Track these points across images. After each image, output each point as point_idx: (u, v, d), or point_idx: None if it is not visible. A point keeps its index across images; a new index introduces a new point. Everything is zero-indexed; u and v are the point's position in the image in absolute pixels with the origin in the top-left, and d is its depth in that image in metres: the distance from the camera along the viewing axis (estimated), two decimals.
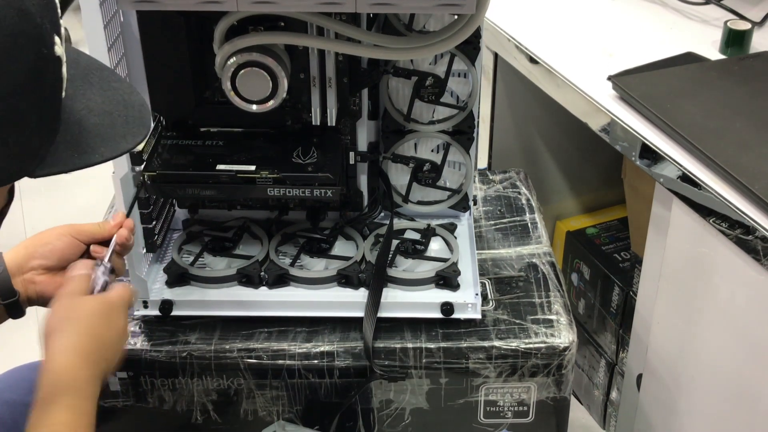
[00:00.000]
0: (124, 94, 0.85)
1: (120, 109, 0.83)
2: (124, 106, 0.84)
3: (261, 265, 1.17)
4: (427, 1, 0.93)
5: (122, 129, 0.82)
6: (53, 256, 1.03)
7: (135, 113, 0.84)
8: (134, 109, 0.85)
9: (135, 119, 0.84)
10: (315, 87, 1.11)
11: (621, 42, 1.43)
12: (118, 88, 0.85)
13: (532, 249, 1.27)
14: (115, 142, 0.81)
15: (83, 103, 0.81)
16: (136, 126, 0.84)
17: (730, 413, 1.18)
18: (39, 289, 1.03)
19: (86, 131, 0.79)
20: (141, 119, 0.84)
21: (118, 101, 0.84)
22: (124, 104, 0.84)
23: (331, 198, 1.09)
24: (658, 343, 1.30)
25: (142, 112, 0.85)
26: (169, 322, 1.14)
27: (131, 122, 0.83)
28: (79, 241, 1.05)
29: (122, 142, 0.82)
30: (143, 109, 0.86)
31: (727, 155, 1.10)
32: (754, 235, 1.02)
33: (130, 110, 0.84)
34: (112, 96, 0.84)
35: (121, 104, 0.84)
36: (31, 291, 1.03)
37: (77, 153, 0.78)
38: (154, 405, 1.14)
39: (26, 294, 1.02)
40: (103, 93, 0.83)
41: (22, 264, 1.03)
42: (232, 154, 1.11)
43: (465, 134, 1.20)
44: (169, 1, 0.94)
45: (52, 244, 1.03)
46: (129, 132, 0.83)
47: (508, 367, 1.10)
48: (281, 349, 1.10)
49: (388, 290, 1.14)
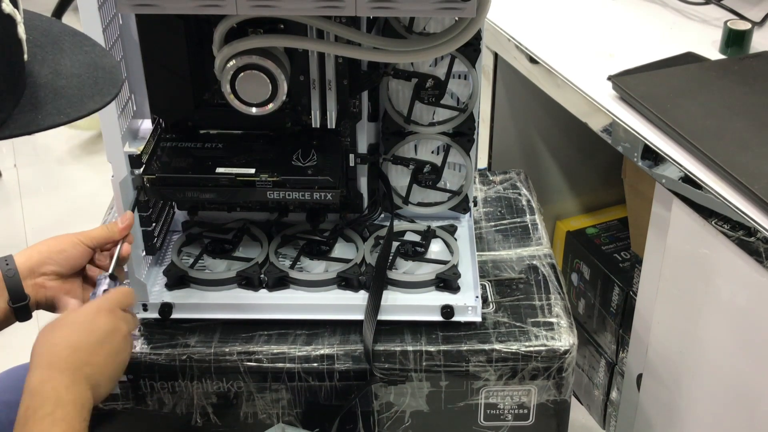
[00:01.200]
0: (96, 57, 0.84)
1: (90, 71, 0.83)
2: (95, 68, 0.83)
3: (261, 267, 1.16)
4: (427, 4, 0.93)
5: (90, 90, 0.81)
6: (68, 263, 1.04)
7: (105, 74, 0.83)
8: (105, 71, 0.84)
9: (105, 80, 0.83)
10: (315, 89, 1.10)
11: (621, 42, 1.43)
12: (90, 52, 0.84)
13: (533, 251, 1.26)
14: (82, 102, 0.80)
15: (51, 67, 0.80)
16: (106, 86, 0.83)
17: (730, 413, 1.18)
18: (49, 295, 1.04)
19: (53, 94, 0.79)
20: (111, 79, 0.83)
21: (89, 64, 0.83)
22: (94, 66, 0.83)
23: (331, 201, 1.09)
24: (658, 343, 1.30)
25: (113, 73, 0.84)
26: (169, 325, 1.14)
27: (101, 83, 0.82)
28: (88, 247, 1.06)
29: (89, 102, 0.81)
30: (114, 70, 0.85)
31: (727, 155, 1.09)
32: (756, 237, 1.02)
33: (100, 72, 0.83)
34: (83, 59, 0.83)
35: (92, 66, 0.83)
36: (41, 295, 1.04)
37: (41, 115, 0.77)
38: (153, 408, 1.13)
39: (35, 298, 1.03)
40: (73, 57, 0.83)
41: (34, 268, 1.03)
42: (231, 156, 1.11)
43: (465, 136, 1.20)
44: (167, 4, 0.93)
45: (67, 252, 1.04)
46: (98, 92, 0.82)
47: (508, 370, 1.10)
48: (281, 352, 1.10)
49: (388, 293, 1.14)
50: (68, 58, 0.82)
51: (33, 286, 1.02)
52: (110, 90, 0.83)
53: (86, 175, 2.68)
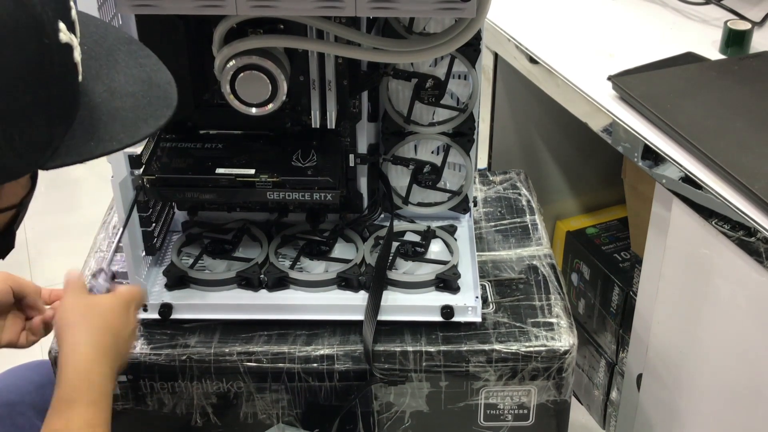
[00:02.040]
0: (151, 71, 0.79)
1: (144, 89, 0.78)
2: (149, 85, 0.78)
3: (261, 267, 1.16)
4: (427, 5, 0.93)
5: (144, 111, 0.76)
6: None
7: (159, 93, 0.78)
8: (159, 89, 0.79)
9: (159, 99, 0.78)
10: (314, 90, 1.10)
11: (621, 42, 1.43)
12: (145, 65, 0.80)
13: (533, 251, 1.26)
14: (136, 126, 0.75)
15: (105, 84, 0.75)
16: (160, 107, 0.78)
17: (730, 413, 1.18)
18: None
19: (106, 116, 0.74)
20: (165, 99, 0.78)
21: (143, 80, 0.78)
22: (149, 83, 0.78)
23: (331, 201, 1.09)
24: (658, 343, 1.30)
25: (168, 91, 0.79)
26: (169, 325, 1.14)
27: (155, 103, 0.77)
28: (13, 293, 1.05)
29: (143, 127, 0.76)
30: (169, 87, 0.80)
31: (727, 155, 1.09)
32: (756, 237, 1.02)
33: (154, 89, 0.78)
34: (138, 74, 0.78)
35: (146, 83, 0.78)
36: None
37: (93, 141, 0.73)
38: (153, 408, 1.13)
39: None
40: (127, 71, 0.78)
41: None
42: (231, 157, 1.11)
43: (465, 136, 1.20)
44: (167, 4, 0.93)
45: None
46: (151, 114, 0.77)
47: (508, 370, 1.10)
48: (281, 353, 1.10)
49: (388, 293, 1.14)
50: (123, 72, 0.77)
51: None
52: (164, 112, 0.77)
53: (86, 176, 2.69)
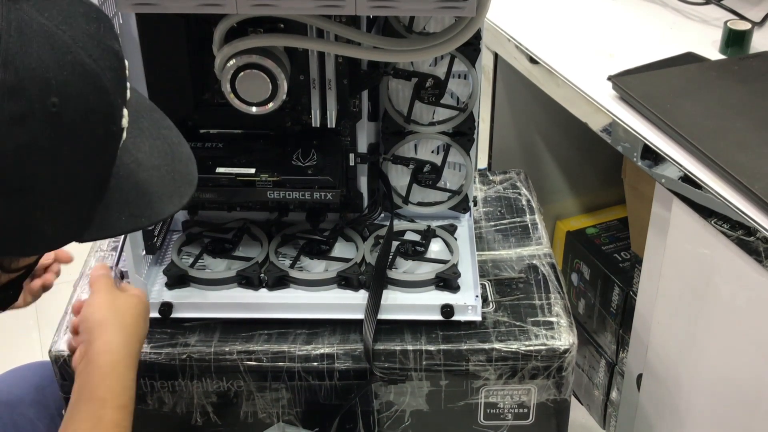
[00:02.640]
0: (173, 144, 0.80)
1: (168, 162, 0.78)
2: (172, 158, 0.79)
3: (261, 266, 1.16)
4: (427, 4, 0.93)
5: (169, 188, 0.77)
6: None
7: (182, 168, 0.79)
8: (181, 163, 0.79)
9: (182, 176, 0.79)
10: (315, 89, 1.10)
11: (621, 42, 1.43)
12: (167, 136, 0.80)
13: (533, 250, 1.27)
14: (162, 202, 0.76)
15: (133, 154, 0.75)
16: (183, 185, 0.78)
17: (730, 413, 1.18)
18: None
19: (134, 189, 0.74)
20: (187, 176, 0.79)
21: (166, 152, 0.79)
22: (171, 156, 0.79)
23: (331, 201, 1.09)
24: (658, 343, 1.30)
25: (189, 167, 0.80)
26: (169, 324, 1.14)
27: (178, 180, 0.78)
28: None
29: (168, 205, 0.77)
30: (190, 162, 0.80)
31: (727, 155, 1.10)
32: (755, 237, 1.02)
33: (177, 164, 0.79)
34: (161, 146, 0.78)
35: (169, 156, 0.79)
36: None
37: (125, 216, 0.74)
38: (153, 407, 1.13)
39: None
40: (152, 142, 0.77)
41: None
42: (231, 156, 1.11)
43: (465, 135, 1.20)
44: (168, 3, 0.93)
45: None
46: (176, 192, 0.78)
47: (508, 369, 1.10)
48: (281, 351, 1.10)
49: (388, 292, 1.14)
50: (147, 142, 0.77)
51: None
52: (187, 190, 0.78)
53: None
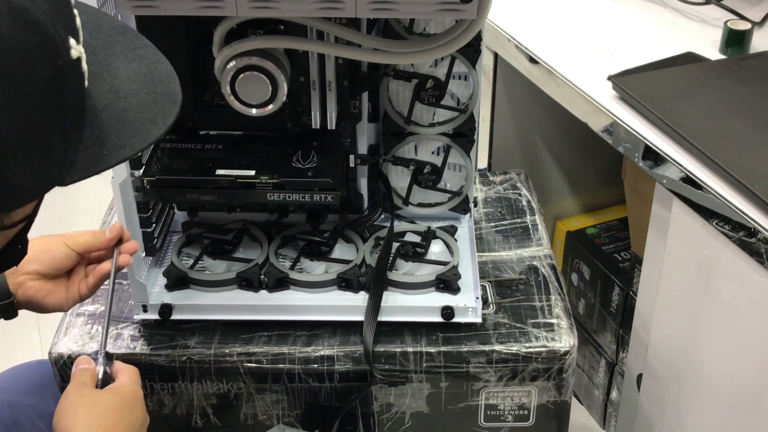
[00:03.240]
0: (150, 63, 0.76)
1: (147, 85, 0.74)
2: (151, 80, 0.74)
3: (261, 268, 1.16)
4: (427, 6, 0.92)
5: (152, 111, 0.73)
6: (52, 264, 1.03)
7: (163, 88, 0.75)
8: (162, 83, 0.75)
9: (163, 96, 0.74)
10: (315, 90, 1.10)
11: (621, 42, 1.42)
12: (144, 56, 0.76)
13: (533, 251, 1.26)
14: (145, 128, 0.72)
15: (108, 82, 0.71)
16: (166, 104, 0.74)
17: (731, 413, 1.18)
18: (29, 294, 1.03)
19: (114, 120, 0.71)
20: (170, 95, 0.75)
21: (145, 75, 0.74)
22: (151, 77, 0.75)
23: (331, 202, 1.09)
24: (658, 343, 1.30)
25: (171, 85, 0.75)
26: (169, 326, 1.14)
27: (160, 100, 0.74)
28: (76, 253, 1.05)
29: (152, 128, 0.72)
30: (171, 80, 0.76)
31: (727, 155, 1.09)
32: (757, 238, 1.02)
33: (157, 84, 0.75)
34: (138, 68, 0.74)
35: (148, 78, 0.74)
36: (21, 294, 1.03)
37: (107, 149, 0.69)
38: (153, 409, 1.13)
39: (16, 296, 1.02)
40: (128, 66, 0.73)
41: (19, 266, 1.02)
42: (231, 158, 1.11)
43: (465, 137, 1.20)
44: (168, 5, 0.93)
45: (52, 252, 1.03)
46: (159, 114, 0.73)
47: (508, 371, 1.10)
48: (281, 353, 1.10)
49: (388, 294, 1.14)
50: (123, 67, 0.73)
51: (14, 284, 1.02)
52: (171, 109, 0.74)
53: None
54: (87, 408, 0.93)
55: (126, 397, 0.96)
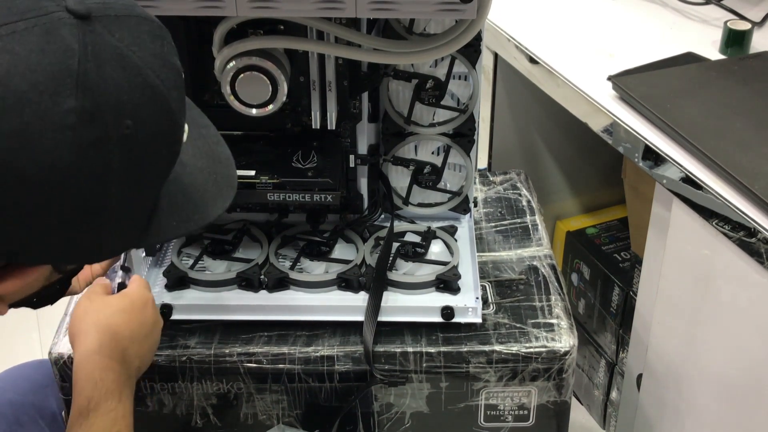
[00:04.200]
0: (212, 143, 0.80)
1: (210, 164, 0.78)
2: (213, 160, 0.79)
3: (261, 268, 1.16)
4: (427, 6, 0.93)
5: (213, 191, 0.77)
6: None
7: (222, 169, 0.79)
8: (221, 165, 0.79)
9: (223, 178, 0.79)
10: (315, 90, 1.10)
11: (621, 42, 1.43)
12: (207, 135, 0.80)
13: (533, 251, 1.26)
14: (207, 206, 0.76)
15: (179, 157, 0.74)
16: (225, 187, 0.79)
17: (730, 413, 1.18)
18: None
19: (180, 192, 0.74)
20: (228, 179, 0.79)
21: (208, 154, 0.78)
22: (212, 158, 0.79)
23: (331, 202, 1.09)
24: (658, 343, 1.30)
25: (229, 169, 0.80)
26: (169, 326, 1.13)
27: (220, 182, 0.78)
28: None
29: (213, 208, 0.77)
30: (229, 164, 0.80)
31: (727, 155, 1.09)
32: (757, 238, 1.02)
33: (218, 166, 0.79)
34: (202, 146, 0.78)
35: (210, 157, 0.79)
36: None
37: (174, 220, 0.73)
38: (153, 409, 1.13)
39: None
40: (193, 143, 0.77)
41: None
42: None
43: (465, 137, 1.20)
44: (167, 5, 0.93)
45: None
46: (219, 195, 0.78)
47: (508, 371, 1.10)
48: (281, 353, 1.10)
49: (388, 294, 1.14)
50: (190, 143, 0.76)
51: None
52: (229, 193, 0.78)
53: None
54: (96, 312, 0.96)
55: (135, 299, 0.99)
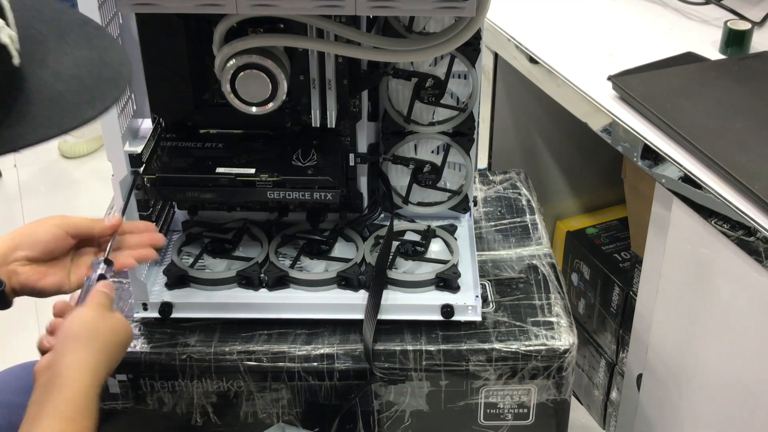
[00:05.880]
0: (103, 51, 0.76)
1: (93, 70, 0.74)
2: (99, 66, 0.75)
3: (261, 266, 1.16)
4: (427, 4, 0.93)
5: (91, 94, 0.73)
6: (37, 247, 1.02)
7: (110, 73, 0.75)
8: (110, 69, 0.75)
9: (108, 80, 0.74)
10: (315, 89, 1.10)
11: (621, 42, 1.43)
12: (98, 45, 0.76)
13: (533, 250, 1.26)
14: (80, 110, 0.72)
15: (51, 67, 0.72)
16: (108, 88, 0.74)
17: (730, 413, 1.18)
18: (22, 280, 1.02)
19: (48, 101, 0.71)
20: (115, 80, 0.74)
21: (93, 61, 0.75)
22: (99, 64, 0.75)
23: (331, 201, 1.09)
24: (658, 343, 1.30)
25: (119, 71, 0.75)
26: (169, 324, 1.14)
27: (103, 85, 0.74)
28: (68, 234, 1.04)
29: (88, 110, 0.72)
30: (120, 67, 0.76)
31: (727, 155, 1.10)
32: (755, 237, 1.02)
33: (105, 70, 0.75)
34: (88, 55, 0.75)
35: (96, 64, 0.75)
36: (15, 282, 1.01)
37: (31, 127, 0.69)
38: (153, 407, 1.13)
39: (10, 285, 1.01)
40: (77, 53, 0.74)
41: (6, 254, 1.01)
42: (231, 156, 1.11)
43: (465, 135, 1.20)
44: (168, 3, 0.93)
45: (36, 235, 1.02)
46: (98, 96, 0.73)
47: (508, 369, 1.10)
48: (281, 352, 1.10)
49: (388, 292, 1.14)
50: (71, 54, 0.73)
51: (6, 272, 1.01)
52: (113, 93, 0.74)
53: (86, 176, 2.69)
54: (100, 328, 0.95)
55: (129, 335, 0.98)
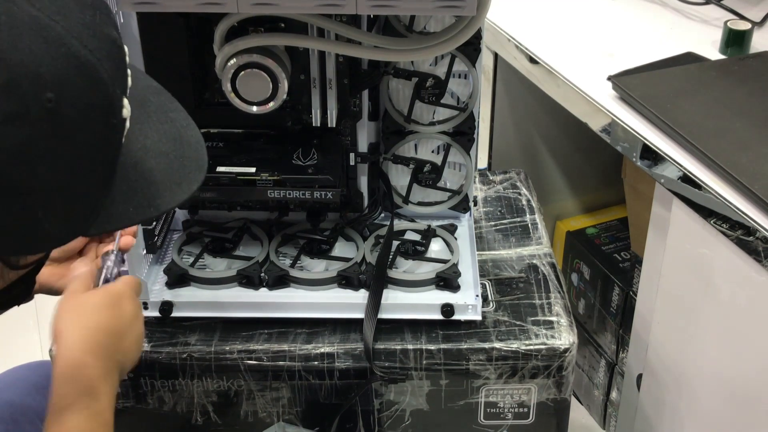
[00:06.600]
0: (180, 127, 0.78)
1: (176, 148, 0.76)
2: (180, 143, 0.77)
3: (261, 266, 1.16)
4: (427, 3, 0.93)
5: (178, 174, 0.75)
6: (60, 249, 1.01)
7: (191, 153, 0.78)
8: (190, 148, 0.78)
9: (191, 161, 0.77)
10: (315, 88, 1.10)
11: (621, 42, 1.43)
12: (175, 119, 0.78)
13: (533, 250, 1.27)
14: (171, 191, 0.75)
15: (140, 141, 0.73)
16: (192, 170, 0.77)
17: (730, 413, 1.18)
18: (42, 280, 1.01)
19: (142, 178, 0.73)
20: (197, 161, 0.78)
21: (174, 138, 0.77)
22: (180, 141, 0.77)
23: (331, 200, 1.09)
24: (658, 343, 1.30)
25: (198, 152, 0.78)
26: (169, 323, 1.14)
27: (187, 165, 0.77)
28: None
29: (178, 191, 0.75)
30: (199, 147, 0.79)
31: (727, 155, 1.10)
32: (755, 236, 1.02)
33: (186, 149, 0.77)
34: (169, 130, 0.77)
35: (177, 141, 0.77)
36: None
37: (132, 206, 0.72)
38: (154, 406, 1.13)
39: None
40: (159, 127, 0.76)
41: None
42: (232, 155, 1.11)
43: (465, 135, 1.20)
44: (169, 2, 0.94)
45: None
46: (185, 178, 0.76)
47: (508, 368, 1.10)
48: (281, 351, 1.10)
49: (388, 291, 1.14)
50: (155, 128, 0.75)
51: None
52: (197, 176, 0.76)
53: None
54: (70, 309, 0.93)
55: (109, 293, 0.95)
